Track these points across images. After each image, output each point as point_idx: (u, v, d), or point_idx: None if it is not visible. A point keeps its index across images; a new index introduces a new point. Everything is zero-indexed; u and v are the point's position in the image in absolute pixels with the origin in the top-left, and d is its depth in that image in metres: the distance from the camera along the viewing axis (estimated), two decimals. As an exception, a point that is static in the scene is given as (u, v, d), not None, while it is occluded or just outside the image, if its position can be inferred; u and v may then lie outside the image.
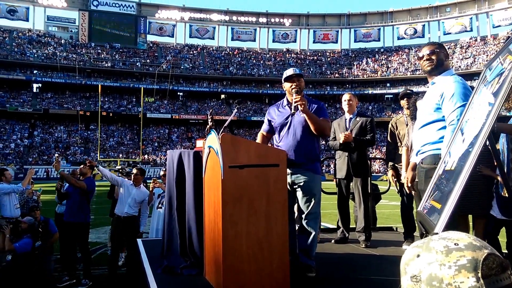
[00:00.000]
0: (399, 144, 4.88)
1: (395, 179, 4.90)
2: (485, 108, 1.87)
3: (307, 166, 3.40)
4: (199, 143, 3.89)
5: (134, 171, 6.35)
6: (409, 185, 3.16)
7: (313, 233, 3.44)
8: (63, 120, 48.46)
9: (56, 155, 5.86)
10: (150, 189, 6.27)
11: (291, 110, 3.41)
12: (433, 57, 2.90)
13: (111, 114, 49.29)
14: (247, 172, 2.95)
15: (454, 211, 2.62)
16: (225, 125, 3.49)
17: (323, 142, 31.66)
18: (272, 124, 3.67)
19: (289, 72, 3.54)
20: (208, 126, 3.89)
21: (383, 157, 43.54)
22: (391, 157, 5.06)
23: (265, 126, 3.75)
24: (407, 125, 4.78)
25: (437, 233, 0.94)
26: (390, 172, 4.96)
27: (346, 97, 5.00)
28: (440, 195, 1.99)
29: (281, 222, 3.02)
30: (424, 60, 2.94)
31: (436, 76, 2.93)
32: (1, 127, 45.60)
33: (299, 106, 3.30)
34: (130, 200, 6.05)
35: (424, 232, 2.34)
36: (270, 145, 3.75)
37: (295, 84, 3.45)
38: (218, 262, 2.96)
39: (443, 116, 2.79)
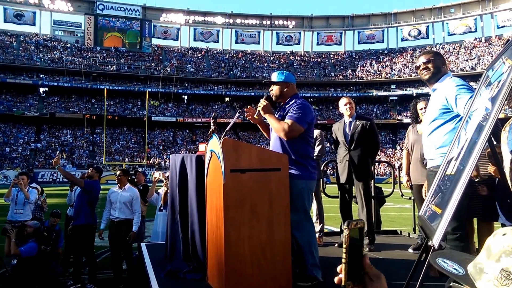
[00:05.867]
0: None
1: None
2: (482, 112, 1.87)
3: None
4: (201, 147, 3.90)
5: (118, 172, 6.39)
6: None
7: (299, 241, 3.28)
8: (69, 123, 48.70)
9: (57, 152, 5.90)
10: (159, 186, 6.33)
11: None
12: (430, 66, 2.96)
13: (116, 118, 49.46)
14: (249, 176, 2.96)
15: (461, 214, 2.62)
16: (227, 129, 3.49)
17: (328, 145, 31.50)
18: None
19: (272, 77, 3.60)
20: (210, 130, 3.90)
21: (387, 160, 43.29)
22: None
23: None
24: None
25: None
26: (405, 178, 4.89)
27: (345, 100, 4.97)
28: (441, 200, 1.99)
29: (283, 226, 3.02)
30: (421, 70, 2.99)
31: (435, 83, 2.97)
32: (8, 131, 45.89)
33: (260, 110, 3.46)
34: (118, 204, 6.06)
35: (424, 237, 2.34)
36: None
37: (270, 89, 3.57)
38: (221, 266, 2.96)
39: (449, 119, 2.83)
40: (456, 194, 1.70)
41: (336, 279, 0.88)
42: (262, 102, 3.44)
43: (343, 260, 0.86)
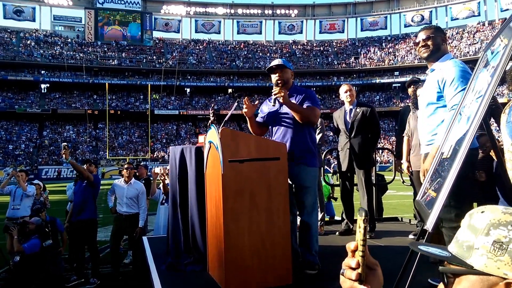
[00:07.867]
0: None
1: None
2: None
3: (299, 160, 3.31)
4: (201, 138, 3.88)
5: (126, 166, 6.47)
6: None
7: (311, 227, 3.36)
8: (72, 119, 48.78)
9: (64, 144, 5.85)
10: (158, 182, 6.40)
11: (273, 103, 3.46)
12: (429, 43, 2.82)
13: (119, 112, 49.51)
14: (247, 166, 2.93)
15: (466, 202, 2.56)
16: (225, 119, 3.46)
17: (331, 134, 31.46)
18: (263, 118, 3.64)
19: (273, 63, 3.52)
20: (209, 122, 3.88)
21: (389, 147, 43.15)
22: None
23: (258, 119, 3.69)
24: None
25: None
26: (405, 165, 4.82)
27: (345, 88, 4.92)
28: (436, 184, 1.96)
29: (283, 216, 3.00)
30: (420, 46, 2.85)
31: (434, 62, 2.85)
32: (11, 128, 46.04)
33: (278, 98, 3.32)
34: (125, 200, 6.13)
35: (421, 222, 2.31)
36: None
37: (277, 76, 3.45)
38: (221, 257, 2.95)
39: (446, 104, 2.73)
40: (450, 177, 1.66)
41: (354, 276, 0.83)
42: (281, 91, 3.25)
43: (361, 254, 0.81)
